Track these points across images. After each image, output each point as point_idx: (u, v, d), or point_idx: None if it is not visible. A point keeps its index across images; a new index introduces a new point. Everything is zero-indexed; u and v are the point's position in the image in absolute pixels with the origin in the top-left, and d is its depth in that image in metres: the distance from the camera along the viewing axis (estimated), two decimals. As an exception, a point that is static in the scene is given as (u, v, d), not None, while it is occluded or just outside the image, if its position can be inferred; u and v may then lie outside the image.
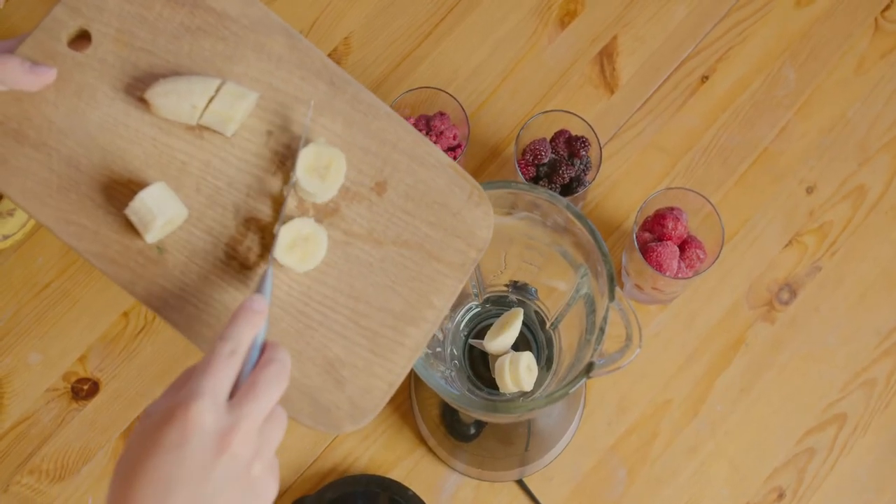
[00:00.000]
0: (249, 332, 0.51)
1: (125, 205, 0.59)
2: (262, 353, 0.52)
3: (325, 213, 0.61)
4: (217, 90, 0.60)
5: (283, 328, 0.59)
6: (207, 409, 0.47)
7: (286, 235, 0.59)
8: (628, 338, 0.67)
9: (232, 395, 0.49)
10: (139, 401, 0.90)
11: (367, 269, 0.60)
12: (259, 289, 0.55)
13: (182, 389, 0.49)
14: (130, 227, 0.59)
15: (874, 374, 0.90)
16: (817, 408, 0.89)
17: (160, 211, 0.58)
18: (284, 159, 0.61)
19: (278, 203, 0.61)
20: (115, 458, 0.88)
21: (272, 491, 0.50)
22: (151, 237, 0.59)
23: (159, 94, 0.60)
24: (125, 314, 0.92)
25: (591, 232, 0.68)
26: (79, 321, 0.92)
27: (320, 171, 0.60)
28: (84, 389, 0.90)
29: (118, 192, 0.60)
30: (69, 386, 0.90)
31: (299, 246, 0.60)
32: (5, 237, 0.90)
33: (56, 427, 0.89)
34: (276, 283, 0.60)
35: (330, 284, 0.60)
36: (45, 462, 0.88)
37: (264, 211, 0.61)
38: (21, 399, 0.90)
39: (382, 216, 0.61)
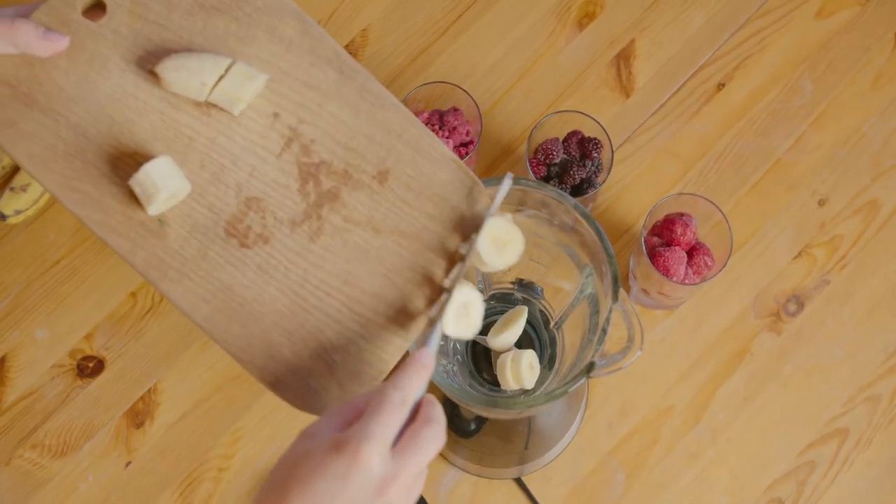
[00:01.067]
0: (418, 384, 0.52)
1: (130, 176, 0.59)
2: (420, 406, 0.53)
3: (326, 199, 0.61)
4: (227, 69, 0.60)
5: (278, 308, 0.59)
6: (377, 452, 0.49)
7: (453, 306, 0.60)
8: (630, 339, 0.66)
9: (394, 443, 0.51)
10: (144, 381, 0.89)
11: (364, 256, 0.60)
12: (426, 343, 0.55)
13: (347, 423, 0.51)
14: (133, 199, 0.59)
15: (879, 391, 0.88)
16: (820, 421, 0.87)
17: (164, 184, 0.58)
18: (290, 142, 0.61)
19: (280, 185, 0.61)
20: (118, 437, 0.88)
21: None
22: (154, 210, 0.58)
23: (170, 69, 0.60)
24: (133, 294, 0.91)
25: (598, 232, 0.67)
26: (87, 299, 0.91)
27: (499, 245, 0.62)
28: (89, 367, 0.90)
29: (123, 162, 0.60)
30: (75, 363, 0.90)
31: (462, 315, 0.64)
32: (17, 212, 0.90)
33: (60, 403, 0.89)
34: (274, 263, 0.60)
35: (327, 269, 0.60)
36: (47, 437, 0.88)
37: (266, 192, 0.60)
38: (27, 374, 0.89)
39: (382, 205, 0.61)
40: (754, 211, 0.93)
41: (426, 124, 0.88)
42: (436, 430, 0.51)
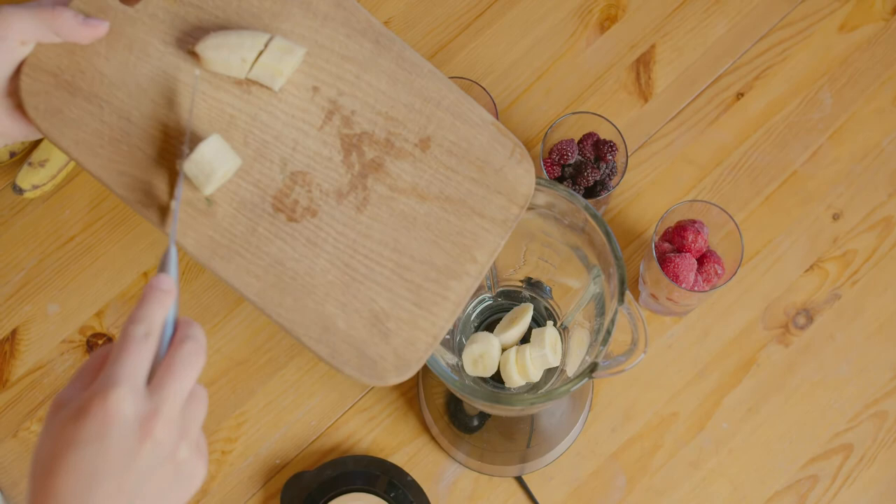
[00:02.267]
0: (160, 312, 0.48)
1: (175, 156, 0.59)
2: (176, 331, 0.49)
3: (370, 169, 0.60)
4: (266, 44, 0.60)
5: (329, 280, 0.59)
6: (125, 397, 0.44)
7: (468, 356, 0.73)
8: (634, 342, 0.65)
9: (150, 378, 0.47)
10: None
11: (412, 223, 0.60)
12: (163, 268, 0.52)
13: (96, 377, 0.47)
14: (180, 179, 0.59)
15: (885, 408, 0.86)
16: (824, 436, 0.85)
17: (219, 163, 0.57)
18: (330, 115, 0.61)
19: (324, 158, 0.60)
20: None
21: (201, 471, 0.48)
22: (210, 189, 0.58)
23: (210, 48, 0.59)
24: (145, 274, 0.91)
25: (606, 234, 0.66)
26: (99, 276, 0.91)
27: (555, 349, 0.74)
28: (98, 344, 0.89)
29: (168, 144, 0.60)
30: (84, 339, 0.89)
31: (479, 362, 0.74)
32: (35, 187, 0.90)
33: (68, 379, 0.88)
34: (323, 235, 0.60)
35: (375, 238, 0.60)
36: (54, 412, 0.88)
37: (310, 165, 0.60)
38: (37, 348, 0.89)
39: (426, 172, 0.60)
40: (768, 222, 0.91)
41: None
42: (191, 349, 0.47)
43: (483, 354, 0.75)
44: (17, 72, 0.59)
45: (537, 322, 0.81)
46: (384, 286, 0.59)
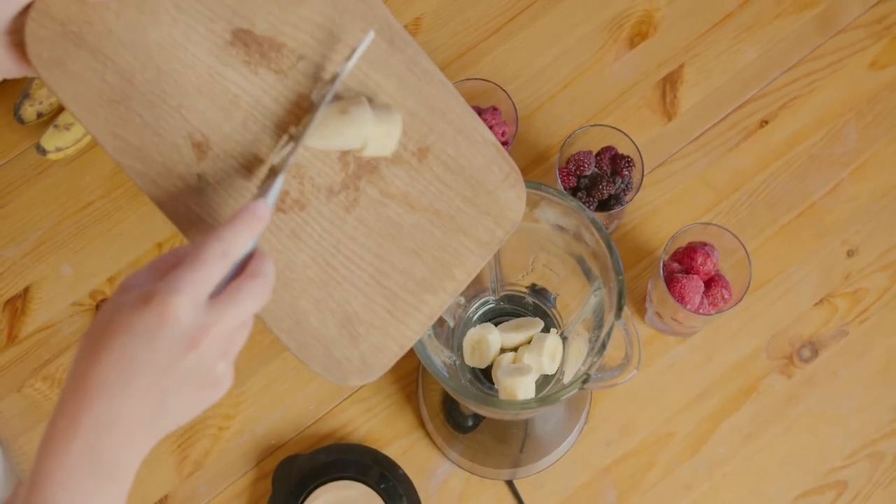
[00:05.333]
0: (247, 237, 0.48)
1: (173, 128, 0.56)
2: (251, 259, 0.48)
3: (364, 170, 0.57)
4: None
5: (308, 276, 0.56)
6: (186, 304, 0.45)
7: (468, 341, 0.72)
8: (627, 357, 0.62)
9: (213, 293, 0.47)
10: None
11: (397, 231, 0.57)
12: (265, 193, 0.50)
13: (166, 274, 0.46)
14: (175, 150, 0.56)
15: (883, 448, 0.81)
16: (819, 470, 0.81)
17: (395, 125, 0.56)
18: None
19: (320, 153, 0.57)
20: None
21: (225, 388, 0.49)
22: (391, 147, 0.57)
23: (318, 138, 0.56)
24: (159, 245, 0.88)
25: (609, 247, 0.64)
26: (114, 244, 0.88)
27: (553, 357, 0.71)
28: (107, 310, 0.87)
29: (167, 114, 0.56)
30: (94, 304, 0.87)
31: (476, 349, 0.73)
32: (58, 149, 0.87)
33: (75, 340, 0.86)
34: (308, 230, 0.57)
35: (359, 241, 0.57)
36: (59, 371, 0.85)
37: (306, 157, 0.57)
38: (47, 307, 0.87)
39: (420, 182, 0.57)
40: (781, 252, 0.87)
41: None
42: (259, 284, 0.47)
43: (480, 340, 0.72)
44: (24, 12, 0.56)
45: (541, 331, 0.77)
46: (361, 290, 0.56)
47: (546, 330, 0.76)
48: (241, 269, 0.48)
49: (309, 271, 0.56)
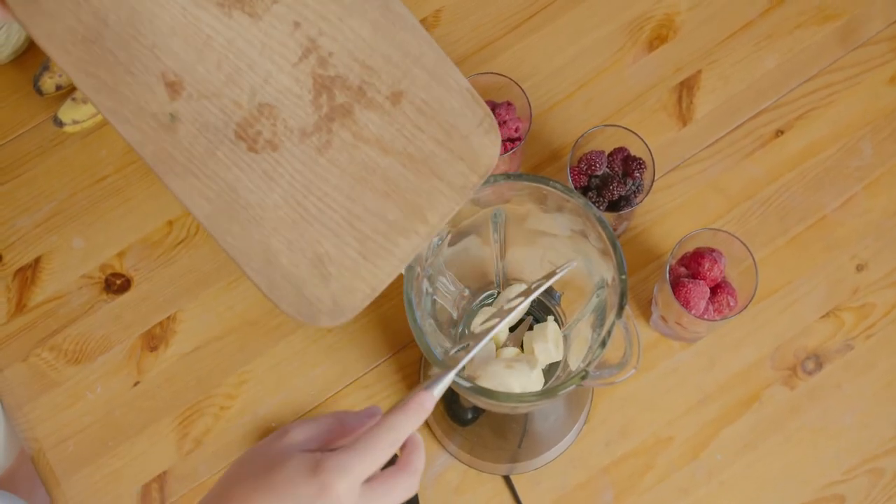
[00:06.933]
0: (413, 427, 0.48)
1: (146, 67, 0.55)
2: (405, 448, 0.49)
3: (337, 113, 0.57)
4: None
5: (279, 215, 0.55)
6: (349, 488, 0.46)
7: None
8: (626, 356, 0.60)
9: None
10: (165, 307, 0.84)
11: (370, 174, 0.56)
12: (431, 386, 0.50)
13: (331, 440, 0.49)
14: (148, 90, 0.56)
15: (883, 465, 0.78)
16: (817, 483, 0.78)
17: None
18: (307, 53, 0.57)
19: (294, 95, 0.57)
20: (131, 356, 0.83)
21: None
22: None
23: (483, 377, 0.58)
24: (170, 223, 0.87)
25: (613, 246, 0.62)
26: (125, 219, 0.87)
27: (557, 343, 0.70)
28: (116, 284, 0.86)
29: (141, 53, 0.56)
30: (104, 277, 0.86)
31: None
32: (75, 122, 0.86)
33: (83, 312, 0.84)
34: (280, 171, 0.56)
35: (332, 183, 0.56)
36: (66, 342, 0.84)
37: (279, 99, 0.56)
38: (58, 278, 0.85)
39: (393, 125, 0.57)
40: (790, 262, 0.84)
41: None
42: (411, 482, 0.48)
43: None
44: None
45: (537, 320, 0.75)
46: (332, 231, 0.56)
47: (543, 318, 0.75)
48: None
49: (280, 211, 0.56)
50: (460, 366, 0.53)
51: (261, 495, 0.46)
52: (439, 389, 0.50)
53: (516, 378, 0.67)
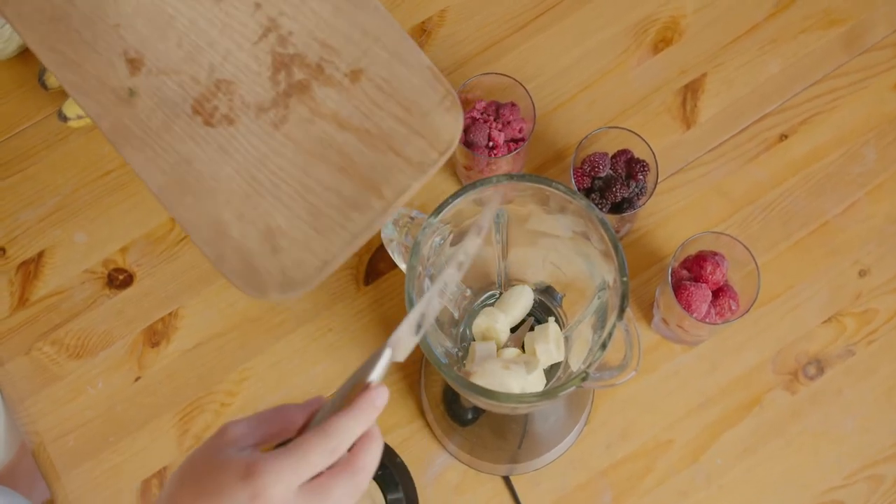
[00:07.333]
0: (361, 430, 0.46)
1: (110, 46, 0.57)
2: (356, 445, 0.46)
3: (295, 90, 0.57)
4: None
5: (232, 188, 0.56)
6: (282, 493, 0.45)
7: (477, 328, 0.68)
8: (626, 358, 0.60)
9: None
10: (167, 303, 0.84)
11: (326, 149, 0.56)
12: (370, 370, 0.46)
13: (270, 437, 0.47)
14: (109, 66, 0.57)
15: (883, 471, 0.78)
16: (818, 488, 0.77)
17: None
18: (267, 32, 0.58)
19: (252, 72, 0.58)
20: (133, 352, 0.83)
21: None
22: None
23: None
24: (172, 219, 0.86)
25: (615, 248, 0.61)
26: (129, 214, 0.86)
27: (558, 344, 0.69)
28: (119, 279, 0.85)
29: (105, 32, 0.58)
30: (106, 272, 0.85)
31: (486, 337, 0.71)
32: (80, 117, 0.86)
33: (85, 307, 0.84)
34: (236, 144, 0.57)
35: (286, 157, 0.56)
36: (68, 336, 0.83)
37: (237, 76, 0.58)
38: (60, 272, 0.85)
39: (351, 102, 0.57)
40: (792, 267, 0.83)
41: (482, 113, 0.81)
42: (355, 481, 0.46)
43: (489, 329, 0.70)
44: None
45: (538, 321, 0.75)
46: (285, 204, 0.56)
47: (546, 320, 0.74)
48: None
49: (233, 184, 0.56)
50: (401, 332, 0.48)
51: (202, 502, 0.45)
52: (378, 372, 0.47)
53: (516, 378, 0.67)
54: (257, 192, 0.56)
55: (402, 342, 0.48)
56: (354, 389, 0.46)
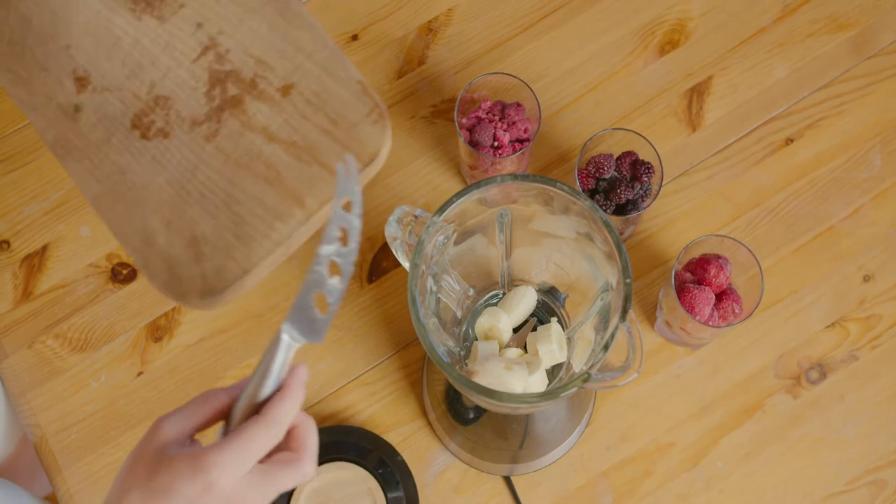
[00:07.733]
0: (296, 411, 0.48)
1: (60, 65, 0.60)
2: (293, 429, 0.49)
3: (228, 104, 0.59)
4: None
5: (163, 198, 0.58)
6: (231, 479, 0.46)
7: (480, 328, 0.69)
8: (628, 360, 0.60)
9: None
10: (169, 300, 0.84)
11: (253, 160, 0.58)
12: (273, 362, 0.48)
13: (204, 424, 0.48)
14: (58, 84, 0.60)
15: (885, 477, 0.77)
16: (819, 494, 0.77)
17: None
18: (206, 50, 0.60)
19: (189, 87, 0.60)
20: (136, 346, 0.83)
21: None
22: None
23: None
24: (177, 215, 0.87)
25: (619, 249, 0.61)
26: (134, 209, 0.87)
27: (561, 344, 0.69)
28: (123, 273, 0.85)
29: (56, 52, 0.61)
30: (110, 266, 0.85)
31: (489, 336, 0.72)
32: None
33: (89, 301, 0.84)
34: (168, 156, 0.59)
35: (215, 168, 0.58)
36: (71, 330, 0.83)
37: (175, 91, 0.60)
38: (64, 266, 0.85)
39: (281, 115, 0.59)
40: (796, 271, 0.83)
41: (488, 113, 0.81)
42: (297, 471, 0.48)
43: (492, 328, 0.70)
44: None
45: (541, 321, 0.74)
46: (211, 213, 0.57)
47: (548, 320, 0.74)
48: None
49: (163, 193, 0.58)
50: (341, 292, 0.49)
51: (155, 502, 0.46)
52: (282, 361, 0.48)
53: (518, 378, 0.66)
54: (185, 201, 0.57)
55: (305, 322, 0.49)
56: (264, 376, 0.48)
